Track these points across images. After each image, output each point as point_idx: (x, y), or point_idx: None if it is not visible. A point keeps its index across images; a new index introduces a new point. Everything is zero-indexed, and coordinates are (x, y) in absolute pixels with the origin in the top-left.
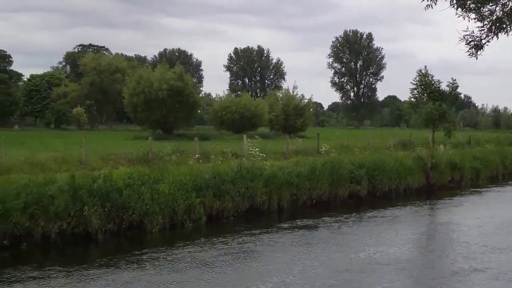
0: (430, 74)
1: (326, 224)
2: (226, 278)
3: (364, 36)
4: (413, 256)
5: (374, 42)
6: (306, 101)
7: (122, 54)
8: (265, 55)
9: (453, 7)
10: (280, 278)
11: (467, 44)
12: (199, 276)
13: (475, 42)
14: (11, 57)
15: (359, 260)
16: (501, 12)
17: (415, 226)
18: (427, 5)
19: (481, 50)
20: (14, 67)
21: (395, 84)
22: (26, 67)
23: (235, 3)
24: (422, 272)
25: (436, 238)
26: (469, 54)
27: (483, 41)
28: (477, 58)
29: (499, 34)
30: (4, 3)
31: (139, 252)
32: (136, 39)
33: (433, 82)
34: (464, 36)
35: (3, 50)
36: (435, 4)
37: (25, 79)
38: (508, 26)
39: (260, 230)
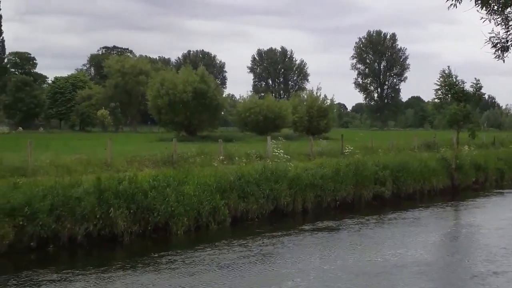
0: (454, 75)
1: (348, 226)
2: (245, 281)
3: (388, 37)
4: (434, 259)
5: (397, 43)
6: (329, 102)
7: (146, 56)
8: (289, 56)
9: (477, 6)
10: (295, 282)
11: (493, 46)
12: (219, 278)
13: (502, 44)
14: (35, 60)
15: (378, 263)
16: None
17: (438, 228)
18: (451, 5)
19: (507, 52)
20: (38, 70)
21: (419, 84)
22: (51, 69)
23: (259, 5)
24: (441, 275)
25: (458, 240)
26: (496, 57)
27: (510, 43)
28: (504, 61)
29: None
30: (28, 6)
31: (165, 254)
32: (160, 41)
33: (457, 83)
34: (490, 38)
35: (27, 53)
36: (460, 3)
37: (50, 82)
38: None
39: (283, 232)
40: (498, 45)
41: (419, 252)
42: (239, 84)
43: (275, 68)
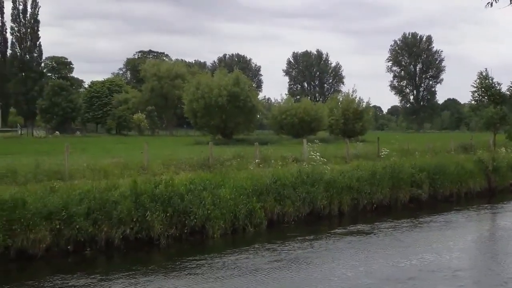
0: (491, 77)
1: (383, 230)
2: (278, 286)
3: (424, 39)
4: (467, 263)
5: (433, 45)
6: (365, 104)
7: (182, 60)
8: (324, 59)
9: None
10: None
11: None
12: (253, 282)
13: None
14: (72, 64)
15: (411, 267)
16: None
17: (474, 231)
18: (488, 3)
19: None
20: (75, 74)
21: (455, 86)
22: (87, 73)
23: (293, 8)
24: (476, 280)
25: (495, 244)
26: None
27: None
28: None
29: None
30: (64, 11)
31: (201, 258)
32: (195, 45)
33: (493, 85)
34: None
35: (64, 57)
36: (496, 2)
37: (86, 86)
38: None
39: (318, 235)
40: None
41: (453, 256)
42: (274, 87)
43: (311, 71)
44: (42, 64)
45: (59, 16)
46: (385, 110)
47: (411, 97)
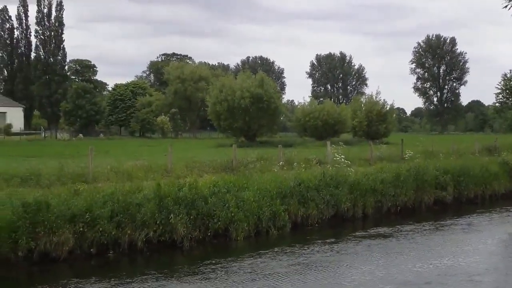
0: None
1: (406, 232)
2: None
3: (448, 41)
4: (487, 267)
5: (457, 47)
6: (389, 106)
7: (205, 63)
8: (347, 61)
9: None
10: None
11: None
12: (274, 286)
13: None
14: (95, 67)
15: (429, 272)
16: None
17: (499, 234)
18: (505, 6)
19: None
20: (98, 77)
21: (479, 88)
22: (110, 76)
23: (316, 10)
24: (493, 286)
25: None
26: None
27: None
28: None
29: None
30: (87, 14)
31: (224, 260)
32: (218, 47)
33: None
34: None
35: (87, 60)
36: None
37: (110, 89)
38: None
39: (342, 238)
40: None
41: (471, 260)
42: (298, 90)
43: (334, 73)
44: (66, 67)
45: (82, 19)
46: (408, 112)
47: (435, 99)
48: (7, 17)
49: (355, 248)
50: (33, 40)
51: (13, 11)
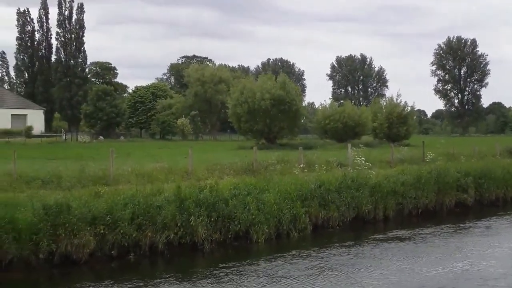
0: None
1: (426, 235)
2: None
3: (468, 43)
4: (503, 272)
5: (478, 48)
6: (409, 108)
7: (225, 65)
8: (368, 63)
9: None
10: None
11: None
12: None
13: None
14: (116, 69)
15: (445, 276)
16: None
17: None
18: None
19: None
20: (119, 79)
21: (500, 90)
22: (131, 78)
23: (336, 12)
24: None
25: None
26: None
27: None
28: None
29: None
30: (107, 16)
31: (245, 263)
32: (238, 50)
33: None
34: None
35: (108, 62)
36: None
37: (130, 91)
38: None
39: (362, 241)
40: None
41: (487, 265)
42: (318, 92)
43: (354, 75)
44: (86, 70)
45: (102, 21)
46: (429, 114)
47: (456, 101)
48: (29, 20)
49: (373, 251)
50: (54, 42)
51: (33, 14)
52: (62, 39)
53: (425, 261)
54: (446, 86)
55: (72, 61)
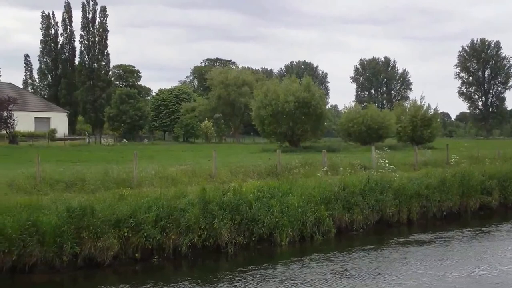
0: None
1: (449, 238)
2: None
3: (492, 45)
4: None
5: (502, 51)
6: (433, 111)
7: (248, 68)
8: (391, 65)
9: None
10: None
11: None
12: None
13: None
14: (139, 72)
15: (466, 280)
16: None
17: None
18: None
19: None
20: (142, 82)
21: None
22: (154, 81)
23: (359, 14)
24: None
25: None
26: None
27: None
28: None
29: None
30: (129, 19)
31: (269, 266)
32: (261, 52)
33: None
34: None
35: (131, 65)
36: None
37: (154, 94)
38: None
39: (386, 244)
40: None
41: (505, 270)
42: (341, 94)
43: (378, 78)
44: (110, 73)
45: (125, 25)
46: (453, 117)
47: (480, 104)
48: (53, 23)
49: (394, 255)
50: (77, 45)
51: (57, 17)
52: (86, 42)
53: (445, 265)
54: (470, 89)
55: (95, 64)
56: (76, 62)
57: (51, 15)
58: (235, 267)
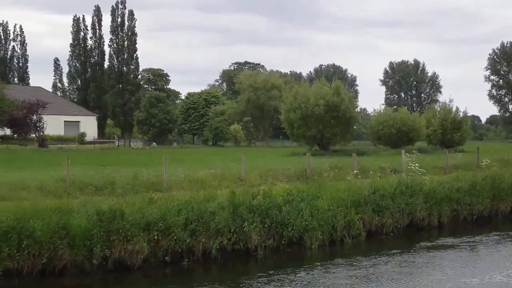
0: None
1: (478, 243)
2: None
3: None
4: None
5: None
6: (463, 114)
7: (277, 71)
8: (421, 68)
9: None
10: None
11: None
12: None
13: None
14: (168, 76)
15: (491, 285)
16: None
17: None
18: None
19: None
20: (171, 85)
21: None
22: (183, 85)
23: (388, 17)
24: None
25: None
26: None
27: None
28: None
29: None
30: (158, 23)
31: (298, 269)
32: (290, 56)
33: None
34: None
35: (160, 69)
36: None
37: (183, 97)
38: None
39: (416, 248)
40: None
41: None
42: (370, 98)
43: (408, 81)
44: (139, 76)
45: (153, 29)
46: (483, 120)
47: (510, 107)
48: (84, 27)
49: (422, 259)
50: (106, 49)
51: (87, 21)
52: (115, 46)
53: (468, 271)
54: (500, 92)
55: (125, 68)
56: (105, 65)
57: (81, 19)
58: (264, 271)
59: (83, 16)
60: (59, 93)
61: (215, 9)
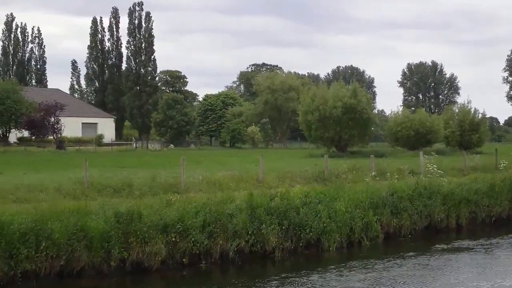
0: None
1: (495, 246)
2: None
3: None
4: None
5: None
6: (481, 115)
7: (294, 73)
8: (439, 69)
9: None
10: None
11: None
12: None
13: None
14: (186, 78)
15: None
16: None
17: None
18: None
19: None
20: (188, 87)
21: None
22: (200, 87)
23: (406, 19)
24: None
25: None
26: None
27: None
28: None
29: None
30: (175, 25)
31: (316, 271)
32: (307, 57)
33: None
34: None
35: (178, 71)
36: None
37: (200, 99)
38: None
39: (431, 250)
40: None
41: None
42: (388, 99)
43: (425, 82)
44: (156, 78)
45: (170, 31)
46: (502, 121)
47: None
48: (102, 29)
49: (439, 262)
50: (124, 51)
51: (104, 23)
52: (132, 48)
53: (481, 275)
54: None
55: (142, 70)
56: (123, 67)
57: (98, 21)
58: (282, 273)
59: (101, 18)
60: (76, 95)
61: (232, 11)
